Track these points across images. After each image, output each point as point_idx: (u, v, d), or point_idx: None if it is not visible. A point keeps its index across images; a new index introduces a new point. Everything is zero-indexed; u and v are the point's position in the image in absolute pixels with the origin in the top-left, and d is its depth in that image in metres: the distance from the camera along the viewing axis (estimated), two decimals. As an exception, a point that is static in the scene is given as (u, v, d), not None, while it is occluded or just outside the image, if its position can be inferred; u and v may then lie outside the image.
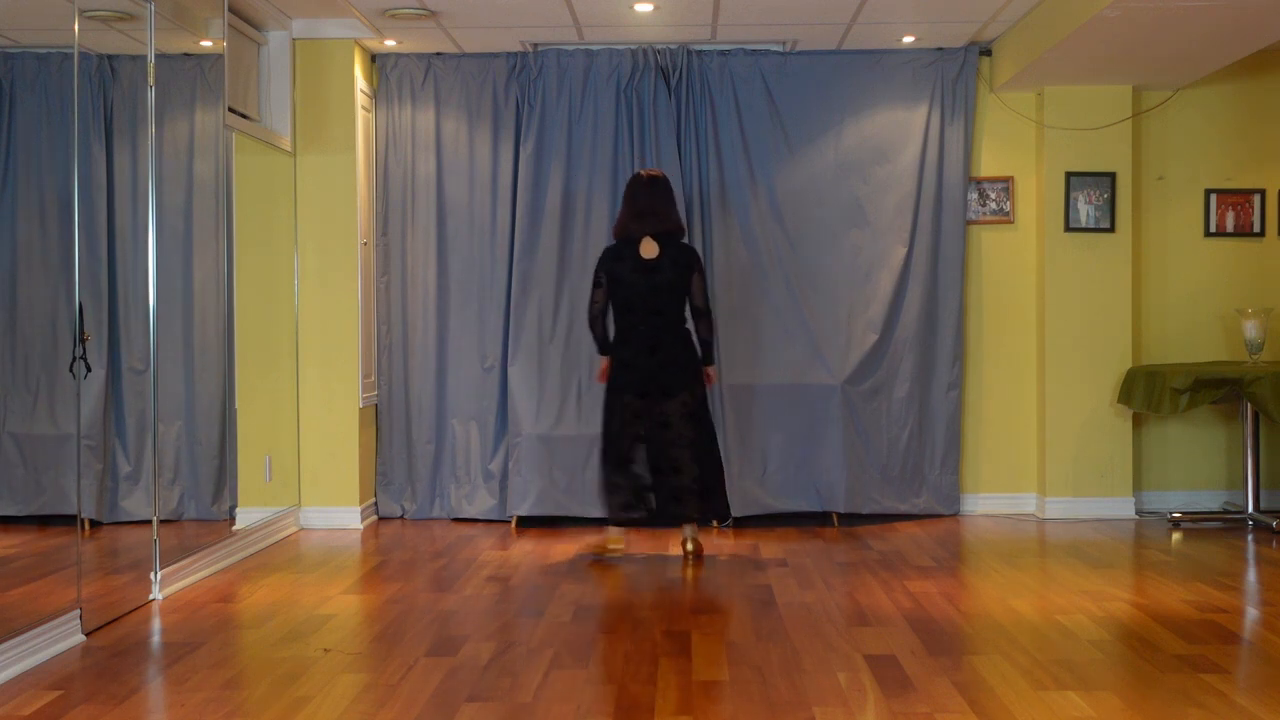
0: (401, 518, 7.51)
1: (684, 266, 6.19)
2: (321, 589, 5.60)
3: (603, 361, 6.37)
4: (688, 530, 6.31)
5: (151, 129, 5.56)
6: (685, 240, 6.40)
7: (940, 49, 7.40)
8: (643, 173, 6.37)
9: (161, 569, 5.43)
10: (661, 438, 6.18)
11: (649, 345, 6.18)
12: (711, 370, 6.35)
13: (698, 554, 6.26)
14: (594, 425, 7.29)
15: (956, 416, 7.45)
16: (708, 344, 6.30)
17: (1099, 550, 6.42)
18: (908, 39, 7.21)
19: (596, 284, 6.27)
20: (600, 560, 6.23)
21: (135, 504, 5.93)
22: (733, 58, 7.41)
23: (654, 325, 6.18)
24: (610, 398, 6.27)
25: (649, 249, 6.18)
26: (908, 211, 7.39)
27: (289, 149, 7.05)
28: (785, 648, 4.55)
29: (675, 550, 6.51)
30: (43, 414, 5.46)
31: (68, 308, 5.00)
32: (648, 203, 6.22)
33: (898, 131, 7.42)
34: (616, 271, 6.20)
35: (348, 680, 4.18)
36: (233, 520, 6.50)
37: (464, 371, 7.49)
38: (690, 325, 6.29)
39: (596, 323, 6.29)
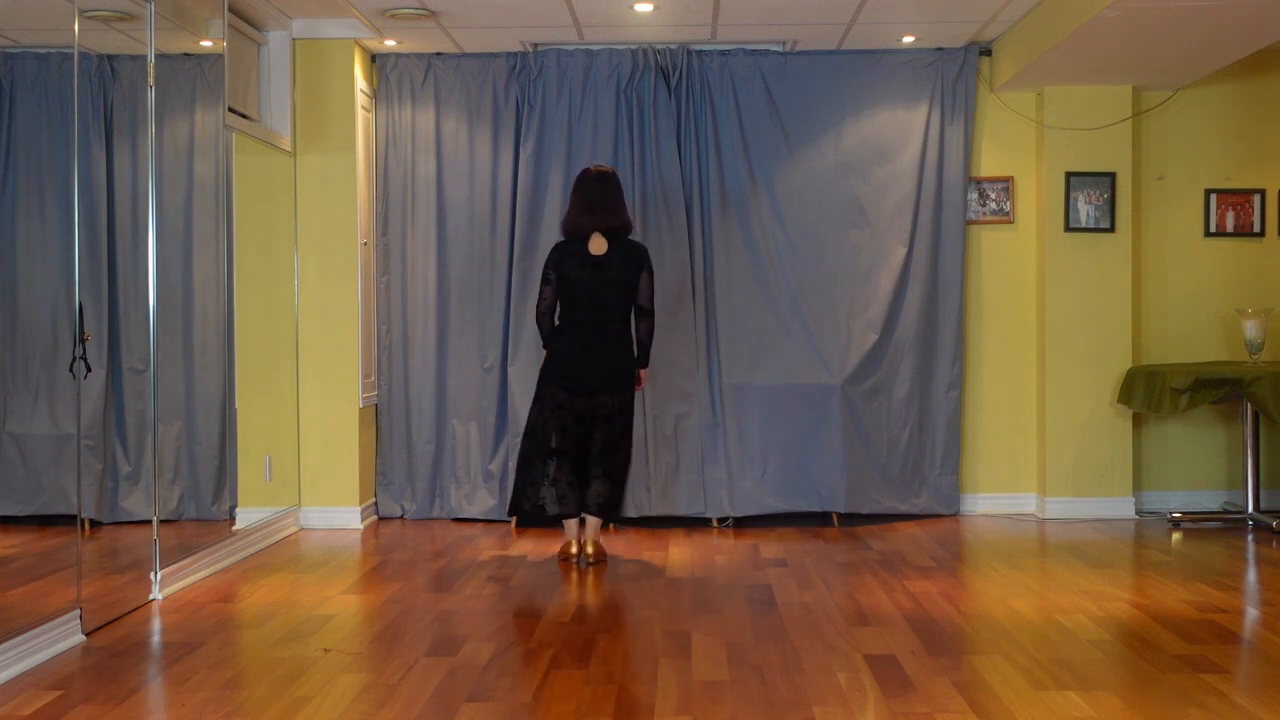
0: (401, 518, 7.51)
1: (632, 264, 6.08)
2: (321, 589, 5.60)
3: (546, 357, 6.25)
4: (589, 532, 6.18)
5: (151, 129, 5.56)
6: (634, 237, 6.24)
7: (940, 49, 7.40)
8: (592, 169, 6.24)
9: (161, 569, 5.43)
10: (576, 432, 6.08)
11: (584, 341, 6.06)
12: (644, 373, 6.24)
13: (597, 557, 6.15)
14: (594, 425, 7.32)
15: (956, 416, 7.45)
16: (645, 345, 6.17)
17: (1099, 550, 6.42)
18: (908, 39, 7.21)
19: (545, 281, 6.12)
20: (567, 561, 6.17)
21: (135, 504, 5.93)
22: (733, 58, 7.41)
23: (594, 322, 6.06)
24: (539, 388, 6.19)
25: (597, 245, 6.05)
26: (908, 211, 7.39)
27: (289, 149, 7.05)
28: (785, 648, 4.55)
29: (675, 550, 6.51)
30: (43, 414, 5.46)
31: (68, 308, 5.00)
32: (597, 198, 6.10)
33: (898, 131, 7.42)
34: (565, 267, 6.06)
35: (348, 680, 4.18)
36: (233, 520, 6.50)
37: (464, 371, 7.48)
38: (633, 328, 6.17)
39: (544, 320, 6.14)
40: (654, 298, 6.18)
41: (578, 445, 6.12)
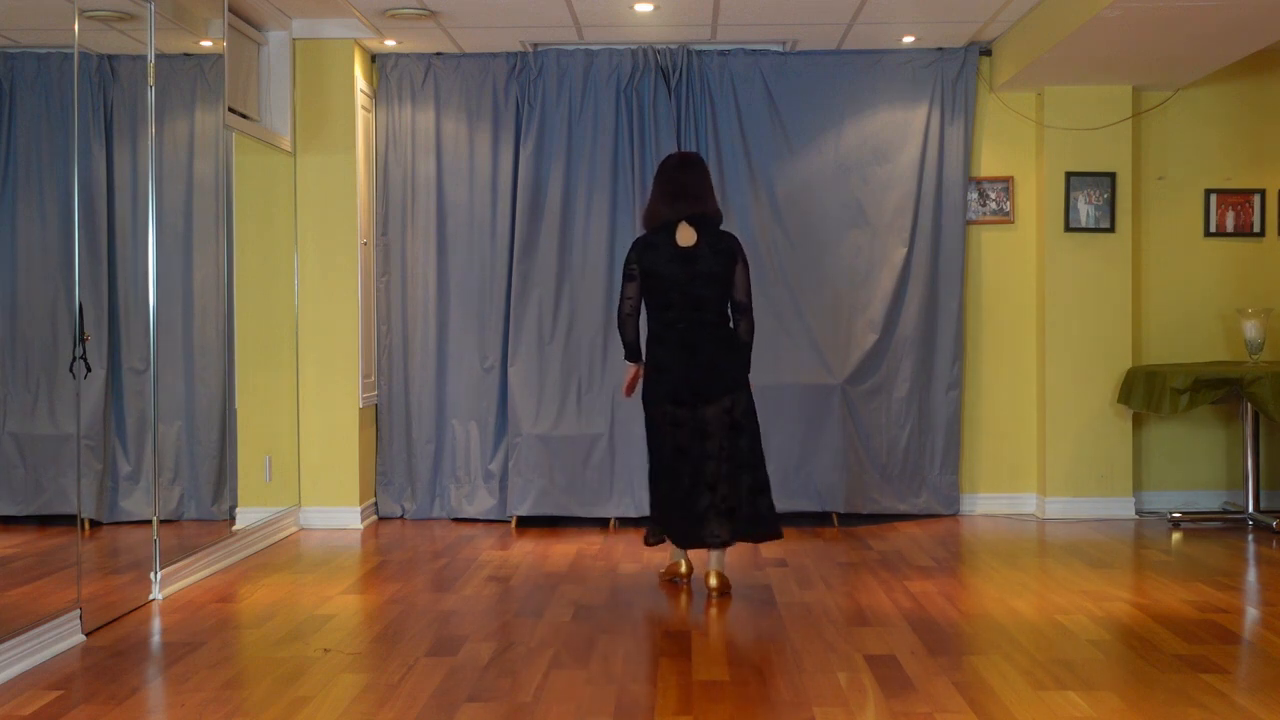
0: (401, 518, 7.51)
1: (726, 255, 5.41)
2: (321, 589, 5.60)
3: (630, 369, 5.64)
4: (713, 561, 5.48)
5: (151, 129, 5.56)
6: (725, 227, 5.72)
7: (940, 49, 7.40)
8: (676, 153, 5.74)
9: (161, 569, 5.43)
10: (699, 450, 5.42)
11: (687, 345, 5.41)
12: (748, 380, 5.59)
13: (722, 589, 5.43)
14: (594, 425, 7.32)
15: (956, 416, 7.44)
16: (745, 348, 5.51)
17: (1099, 550, 6.42)
18: (908, 39, 7.21)
19: (629, 277, 5.46)
20: (674, 582, 5.70)
21: (135, 504, 5.93)
22: (733, 58, 7.41)
23: (692, 322, 5.41)
24: (648, 409, 5.54)
25: (686, 236, 5.40)
26: (908, 211, 7.39)
27: (289, 149, 7.05)
28: (785, 648, 4.55)
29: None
30: (43, 414, 5.46)
31: (68, 308, 5.00)
32: (683, 184, 5.46)
33: (898, 131, 7.42)
34: (650, 262, 5.41)
35: (348, 680, 4.18)
36: (233, 520, 6.50)
37: (464, 371, 7.49)
38: (733, 324, 5.53)
39: (628, 323, 5.50)
40: (751, 292, 5.50)
41: (697, 464, 5.43)
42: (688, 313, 5.43)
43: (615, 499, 7.29)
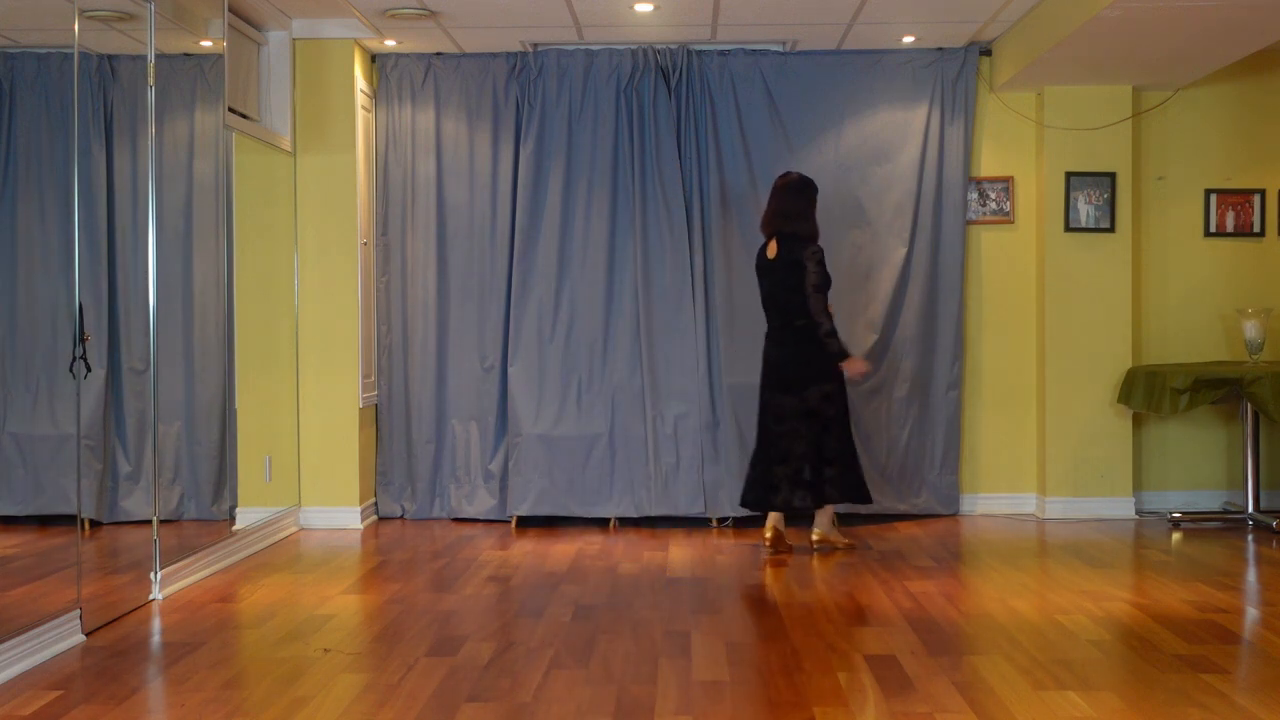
0: (401, 518, 7.51)
1: (793, 262, 6.30)
2: (321, 589, 5.60)
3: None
4: (772, 518, 6.40)
5: (151, 129, 5.56)
6: (811, 239, 6.40)
7: (940, 49, 7.40)
8: (779, 177, 6.59)
9: (161, 569, 5.43)
10: (775, 431, 6.37)
11: (775, 341, 6.45)
12: (847, 363, 6.36)
13: (776, 545, 6.35)
14: (594, 425, 7.33)
15: (956, 416, 7.44)
16: (822, 339, 6.31)
17: (1099, 550, 6.42)
18: (908, 39, 7.21)
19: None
20: (775, 554, 6.36)
21: (135, 504, 5.93)
22: (733, 58, 7.41)
23: (776, 323, 6.45)
24: (760, 393, 6.54)
25: (771, 249, 6.42)
26: (908, 211, 7.39)
27: (289, 149, 7.05)
28: (785, 648, 4.55)
29: (675, 550, 6.51)
30: (43, 414, 5.47)
31: (68, 308, 5.00)
32: (770, 205, 6.50)
33: (898, 131, 7.42)
34: (758, 272, 6.53)
35: (348, 680, 4.19)
36: (233, 520, 6.50)
37: (464, 371, 7.48)
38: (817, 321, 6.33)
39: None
40: (811, 291, 6.27)
41: (769, 444, 6.52)
42: (771, 315, 6.50)
43: (615, 499, 7.30)
